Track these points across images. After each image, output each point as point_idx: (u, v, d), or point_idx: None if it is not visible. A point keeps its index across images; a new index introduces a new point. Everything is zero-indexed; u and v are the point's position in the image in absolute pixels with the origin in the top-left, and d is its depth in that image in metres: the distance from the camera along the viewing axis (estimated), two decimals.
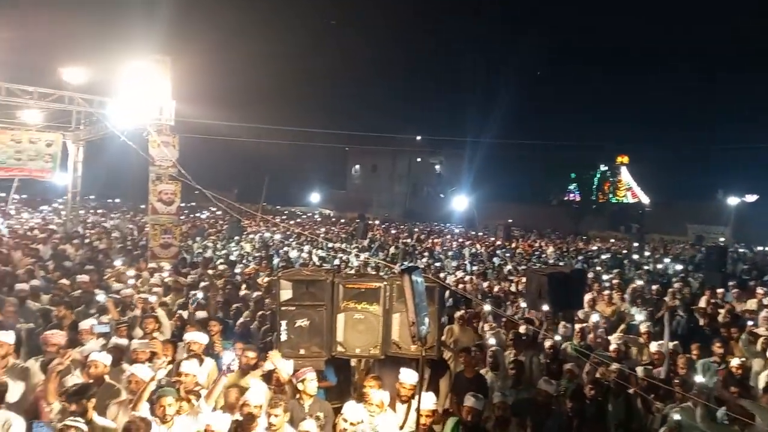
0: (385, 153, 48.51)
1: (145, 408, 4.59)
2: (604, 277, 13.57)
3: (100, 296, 8.04)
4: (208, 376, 5.90)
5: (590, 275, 12.68)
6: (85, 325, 6.69)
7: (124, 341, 6.44)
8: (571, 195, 48.33)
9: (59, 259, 12.09)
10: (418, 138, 48.83)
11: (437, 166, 54.18)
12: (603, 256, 19.34)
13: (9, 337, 5.53)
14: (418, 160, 52.37)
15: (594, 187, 46.83)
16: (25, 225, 19.59)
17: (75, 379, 5.26)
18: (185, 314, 7.55)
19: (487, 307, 9.10)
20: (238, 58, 39.93)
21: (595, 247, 24.09)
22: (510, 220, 32.34)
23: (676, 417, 5.07)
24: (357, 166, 55.80)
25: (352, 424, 4.51)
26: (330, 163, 53.61)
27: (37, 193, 32.73)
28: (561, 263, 17.46)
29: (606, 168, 48.01)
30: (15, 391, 5.16)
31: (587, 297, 10.14)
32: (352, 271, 12.52)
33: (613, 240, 29.51)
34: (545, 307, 8.89)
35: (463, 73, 67.23)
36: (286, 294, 5.74)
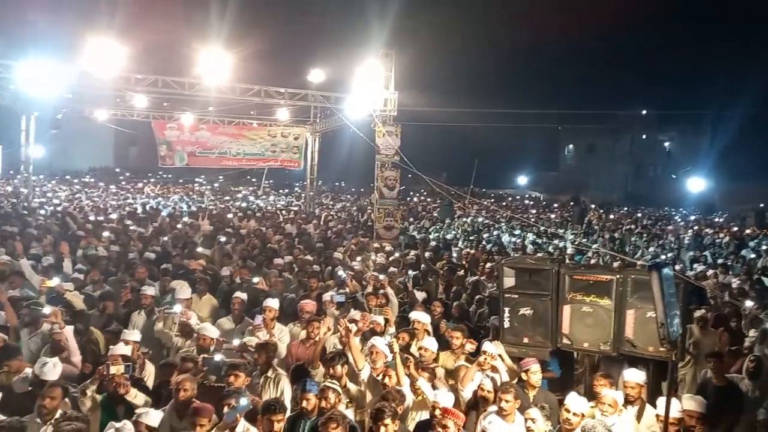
0: (604, 131, 44.62)
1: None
2: None
3: (340, 272, 9.02)
4: None
5: None
6: (327, 296, 7.63)
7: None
8: None
9: (304, 237, 13.96)
10: (644, 113, 43.89)
11: (666, 143, 47.91)
12: None
13: (276, 303, 6.62)
14: (643, 137, 47.03)
15: None
16: (273, 207, 23.11)
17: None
18: (417, 295, 8.04)
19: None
20: (454, 43, 40.63)
21: None
22: (762, 205, 27.21)
23: None
24: (570, 146, 52.51)
25: (575, 414, 4.38)
26: (540, 144, 51.39)
27: (280, 179, 38.33)
28: None
29: None
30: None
31: None
32: (567, 260, 11.97)
33: None
34: None
35: (699, 36, 57.92)
36: (509, 281, 5.80)
